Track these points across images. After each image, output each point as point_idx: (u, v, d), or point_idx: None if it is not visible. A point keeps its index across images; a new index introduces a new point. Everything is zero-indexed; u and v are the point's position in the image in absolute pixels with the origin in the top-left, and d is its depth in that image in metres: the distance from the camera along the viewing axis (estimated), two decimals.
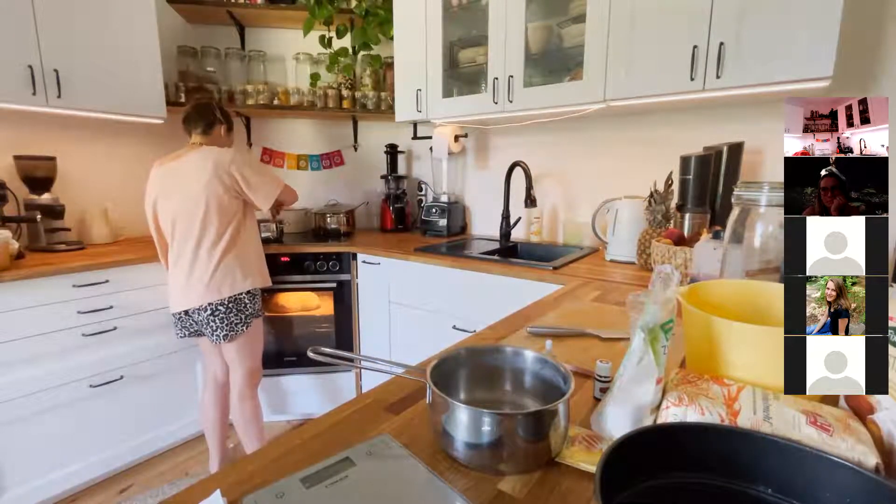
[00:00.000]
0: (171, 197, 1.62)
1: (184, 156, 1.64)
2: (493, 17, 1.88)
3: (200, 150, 1.63)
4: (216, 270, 1.60)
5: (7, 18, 1.67)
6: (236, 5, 2.35)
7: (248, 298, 1.68)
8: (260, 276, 1.75)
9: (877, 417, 0.45)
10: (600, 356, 0.69)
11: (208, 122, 1.71)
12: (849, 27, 1.35)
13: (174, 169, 1.64)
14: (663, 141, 1.88)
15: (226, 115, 1.78)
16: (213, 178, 1.58)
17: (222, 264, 1.61)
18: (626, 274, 1.54)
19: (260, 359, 1.82)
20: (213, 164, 1.58)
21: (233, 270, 1.63)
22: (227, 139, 1.78)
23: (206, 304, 1.61)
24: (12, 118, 1.95)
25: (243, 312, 1.67)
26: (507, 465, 0.50)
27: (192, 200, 1.58)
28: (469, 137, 2.50)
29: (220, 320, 1.63)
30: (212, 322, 1.64)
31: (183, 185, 1.60)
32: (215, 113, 1.73)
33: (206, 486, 0.47)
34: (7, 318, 1.56)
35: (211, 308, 1.62)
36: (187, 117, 1.71)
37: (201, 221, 1.59)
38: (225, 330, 1.64)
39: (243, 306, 1.67)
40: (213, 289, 1.60)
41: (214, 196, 1.58)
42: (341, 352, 0.62)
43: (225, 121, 1.76)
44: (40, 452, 1.68)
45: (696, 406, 0.47)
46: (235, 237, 1.65)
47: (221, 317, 1.63)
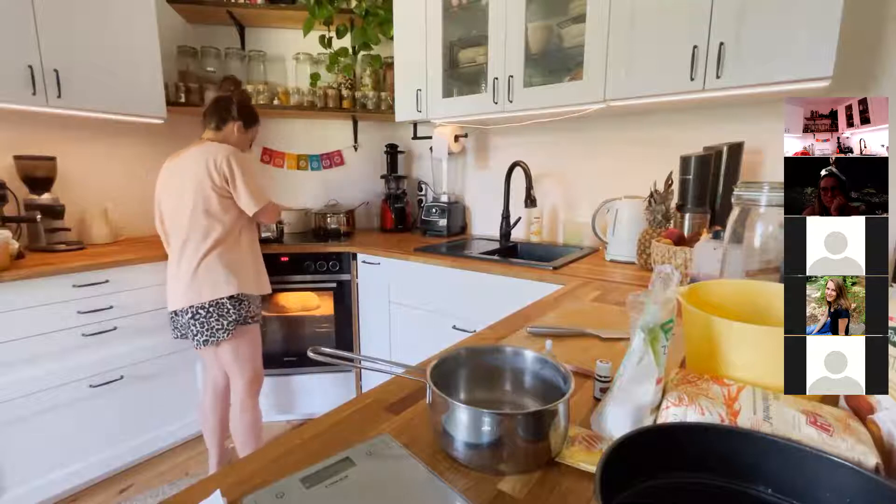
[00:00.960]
0: (170, 194, 1.61)
1: (185, 152, 1.62)
2: (493, 17, 1.88)
3: (202, 145, 1.60)
4: (196, 271, 1.54)
5: (7, 18, 1.67)
6: (236, 5, 2.35)
7: (231, 304, 1.58)
8: (253, 283, 1.66)
9: (877, 417, 0.45)
10: (600, 356, 0.69)
11: (221, 117, 1.67)
12: (849, 27, 1.35)
13: (176, 165, 1.61)
14: (663, 141, 1.88)
15: (245, 113, 1.72)
16: (205, 174, 1.53)
17: (203, 265, 1.54)
18: (626, 274, 1.54)
19: (260, 365, 1.76)
20: (205, 161, 1.54)
21: (215, 273, 1.55)
22: (241, 137, 1.72)
23: (188, 306, 1.55)
24: (12, 118, 1.95)
25: (225, 318, 1.57)
26: (507, 465, 0.50)
27: (183, 197, 1.55)
28: (469, 137, 2.50)
29: (200, 324, 1.56)
30: (192, 326, 1.57)
31: (178, 182, 1.58)
32: (231, 109, 1.68)
33: (206, 486, 0.47)
34: (7, 318, 1.56)
35: (192, 311, 1.56)
36: (205, 111, 1.69)
37: (189, 219, 1.54)
38: (205, 335, 1.57)
39: (225, 311, 1.57)
40: (194, 290, 1.54)
41: (202, 193, 1.53)
42: (341, 352, 0.62)
43: (241, 118, 1.70)
44: (40, 452, 1.68)
45: (696, 406, 0.47)
46: (225, 238, 1.58)
47: (202, 321, 1.56)
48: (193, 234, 1.55)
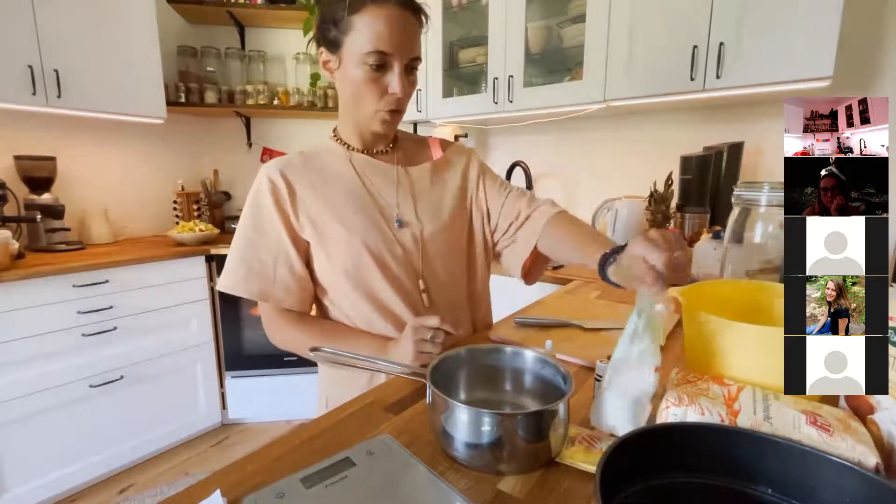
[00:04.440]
0: None
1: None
2: (493, 17, 1.88)
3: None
4: None
5: (7, 18, 1.67)
6: (236, 5, 2.35)
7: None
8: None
9: (877, 417, 0.45)
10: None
11: None
12: (849, 27, 1.35)
13: None
14: (663, 141, 1.88)
15: None
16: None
17: None
18: None
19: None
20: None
21: None
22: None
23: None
24: (12, 118, 1.95)
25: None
26: (507, 465, 0.50)
27: None
28: (469, 137, 2.50)
29: None
30: None
31: None
32: None
33: (206, 486, 0.47)
34: (7, 318, 1.56)
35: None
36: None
37: None
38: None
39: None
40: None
41: None
42: (341, 352, 0.62)
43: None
44: (40, 452, 1.68)
45: (696, 406, 0.47)
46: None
47: None
48: None
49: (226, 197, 2.63)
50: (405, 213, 0.85)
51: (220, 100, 2.43)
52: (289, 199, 0.79)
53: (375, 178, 0.85)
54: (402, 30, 0.73)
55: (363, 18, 0.71)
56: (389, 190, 0.86)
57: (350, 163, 0.85)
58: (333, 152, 0.86)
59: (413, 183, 0.88)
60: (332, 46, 0.76)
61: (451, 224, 0.89)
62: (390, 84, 0.75)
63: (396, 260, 0.82)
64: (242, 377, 2.26)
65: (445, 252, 0.88)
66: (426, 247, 0.85)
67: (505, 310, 1.15)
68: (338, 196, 0.81)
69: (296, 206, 0.80)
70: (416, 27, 0.76)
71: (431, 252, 0.86)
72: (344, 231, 0.80)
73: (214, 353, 2.19)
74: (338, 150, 0.86)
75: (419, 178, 0.89)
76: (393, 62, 0.74)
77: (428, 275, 0.86)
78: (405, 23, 0.73)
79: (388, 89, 0.76)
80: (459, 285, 0.92)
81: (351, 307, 0.83)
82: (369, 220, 0.81)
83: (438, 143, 0.97)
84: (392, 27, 0.72)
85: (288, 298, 0.81)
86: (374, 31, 0.71)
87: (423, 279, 0.85)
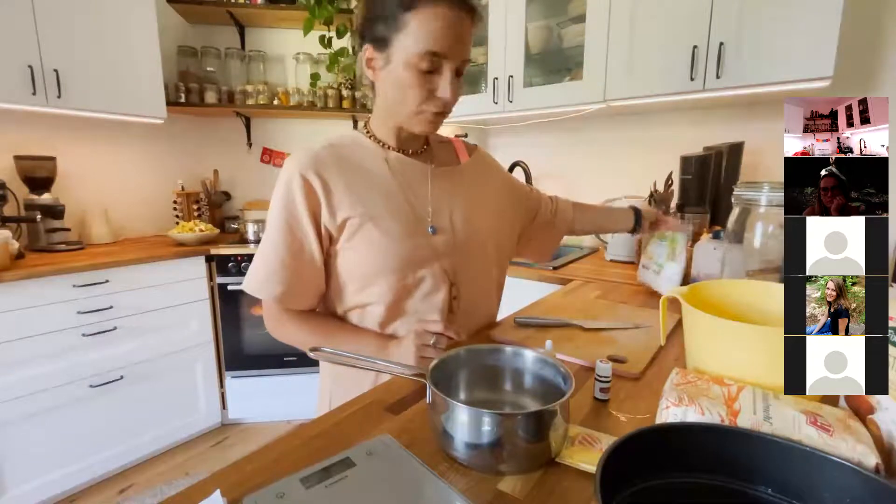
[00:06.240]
0: None
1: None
2: (493, 17, 1.88)
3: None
4: None
5: (7, 18, 1.67)
6: (236, 5, 2.35)
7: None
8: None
9: (877, 417, 0.45)
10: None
11: None
12: (849, 27, 1.35)
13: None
14: (663, 141, 1.88)
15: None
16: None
17: None
18: (627, 274, 1.54)
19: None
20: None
21: None
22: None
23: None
24: (12, 118, 1.95)
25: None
26: (507, 465, 0.49)
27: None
28: (469, 137, 2.50)
29: None
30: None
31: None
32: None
33: (206, 486, 0.47)
34: (7, 318, 1.56)
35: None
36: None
37: None
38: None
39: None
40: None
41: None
42: (341, 352, 0.62)
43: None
44: (40, 452, 1.68)
45: (696, 406, 0.47)
46: None
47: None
48: None
49: (226, 197, 2.63)
50: (440, 219, 0.82)
51: (220, 100, 2.43)
52: (324, 198, 0.76)
53: (410, 177, 0.82)
54: (458, 31, 0.70)
55: (418, 16, 0.68)
56: (423, 192, 0.83)
57: (385, 161, 0.81)
58: (366, 148, 0.82)
59: (447, 186, 0.86)
60: (380, 44, 0.72)
61: (485, 229, 0.88)
62: (440, 87, 0.72)
63: (429, 267, 0.80)
64: (242, 377, 2.26)
65: (479, 258, 0.87)
66: (459, 253, 0.83)
67: (505, 310, 1.15)
68: (373, 198, 0.78)
69: (332, 206, 0.76)
70: (471, 28, 0.72)
71: (464, 260, 0.84)
72: (378, 234, 0.77)
73: (214, 354, 2.19)
74: (371, 146, 0.83)
75: (452, 181, 0.87)
76: (444, 64, 0.70)
77: (460, 282, 0.84)
78: (461, 23, 0.70)
79: (437, 92, 0.72)
80: (489, 292, 0.92)
81: (371, 308, 0.81)
82: (403, 225, 0.79)
83: (463, 146, 0.95)
84: (447, 27, 0.68)
85: (304, 303, 0.80)
86: (429, 30, 0.68)
87: (456, 286, 0.83)
